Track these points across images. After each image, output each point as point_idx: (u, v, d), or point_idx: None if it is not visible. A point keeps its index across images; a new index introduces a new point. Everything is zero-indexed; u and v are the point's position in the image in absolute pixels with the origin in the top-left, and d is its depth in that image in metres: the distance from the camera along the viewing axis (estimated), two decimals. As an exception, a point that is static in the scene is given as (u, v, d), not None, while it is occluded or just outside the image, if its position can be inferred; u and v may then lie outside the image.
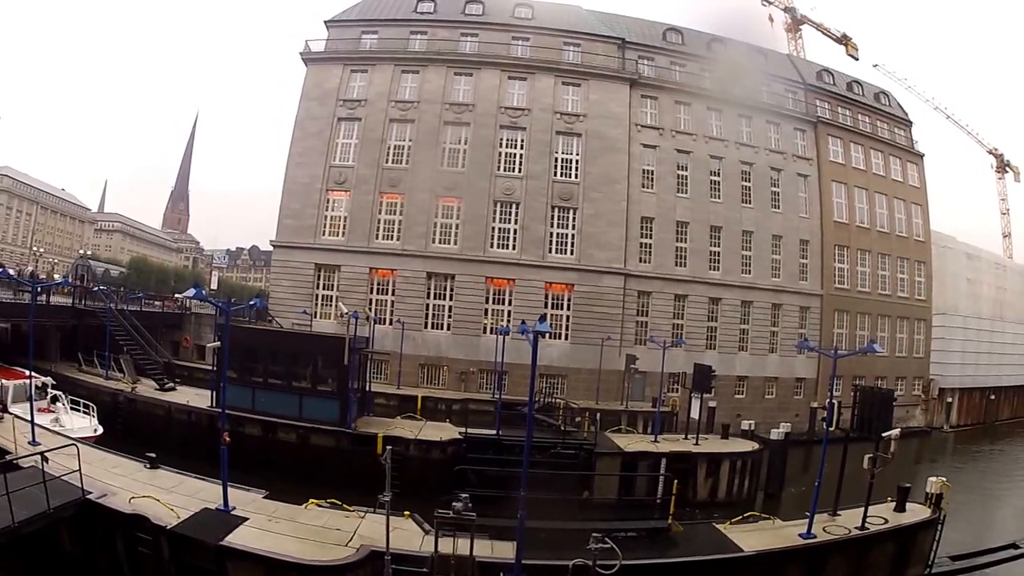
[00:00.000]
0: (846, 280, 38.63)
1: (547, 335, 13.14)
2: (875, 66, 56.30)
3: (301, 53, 34.50)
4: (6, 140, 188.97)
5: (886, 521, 14.00)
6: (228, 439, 13.06)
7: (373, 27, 35.12)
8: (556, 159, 32.92)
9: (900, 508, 14.69)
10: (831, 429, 15.22)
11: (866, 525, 13.69)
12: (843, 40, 52.73)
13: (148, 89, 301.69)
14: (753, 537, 13.31)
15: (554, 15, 36.71)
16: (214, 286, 49.96)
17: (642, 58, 36.44)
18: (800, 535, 13.26)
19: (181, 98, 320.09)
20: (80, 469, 11.80)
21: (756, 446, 23.05)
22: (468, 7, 35.96)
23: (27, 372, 17.61)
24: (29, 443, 14.43)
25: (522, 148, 32.70)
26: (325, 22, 35.74)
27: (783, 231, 36.51)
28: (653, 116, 35.05)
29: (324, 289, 32.00)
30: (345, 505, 13.35)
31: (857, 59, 53.23)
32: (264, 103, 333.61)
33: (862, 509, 13.97)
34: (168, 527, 11.27)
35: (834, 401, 15.94)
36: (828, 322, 37.23)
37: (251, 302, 19.81)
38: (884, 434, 14.42)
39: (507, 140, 32.83)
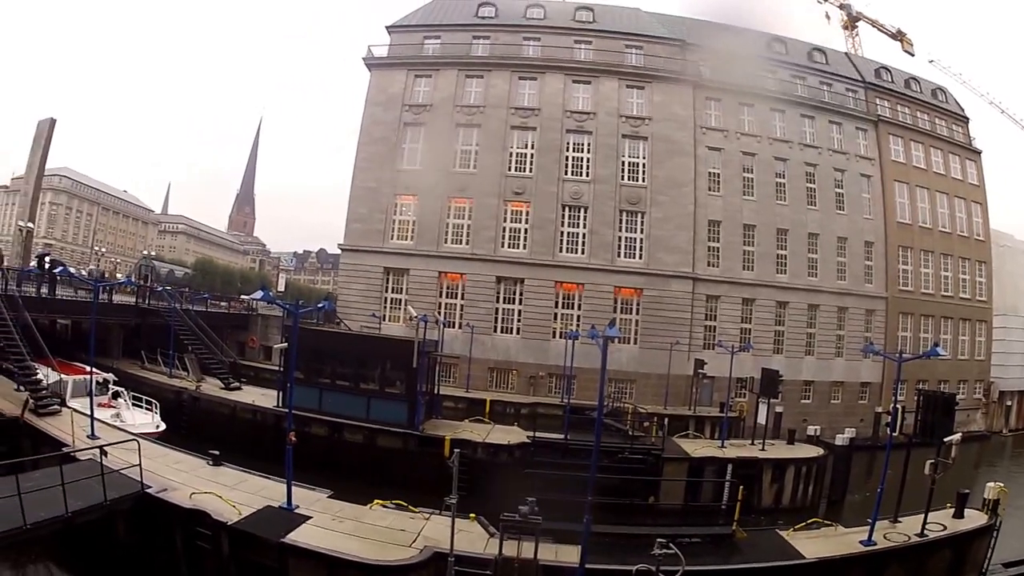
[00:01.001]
0: (910, 282, 36.64)
1: (616, 339, 12.71)
2: (931, 62, 53.48)
3: (364, 59, 33.86)
4: (69, 145, 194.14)
5: (944, 528, 13.52)
6: (294, 439, 12.70)
7: (435, 32, 34.32)
8: (623, 163, 31.83)
9: (959, 514, 14.17)
10: (894, 434, 14.77)
11: (925, 532, 13.19)
12: (898, 36, 50.17)
13: (209, 94, 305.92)
14: (815, 544, 12.92)
15: (614, 18, 35.67)
16: (281, 288, 49.58)
17: (703, 59, 34.84)
18: (861, 542, 12.83)
19: (244, 102, 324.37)
20: (140, 464, 11.63)
21: (821, 452, 22.25)
22: (529, 11, 35.03)
23: (87, 368, 17.20)
24: (88, 437, 14.29)
25: (589, 152, 31.70)
26: (387, 28, 35.03)
27: (848, 233, 34.84)
28: (717, 118, 33.70)
29: (393, 292, 31.40)
30: (410, 506, 12.95)
31: (913, 55, 50.62)
32: (330, 105, 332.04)
33: (922, 515, 13.53)
34: (229, 523, 10.98)
35: (898, 406, 15.40)
36: (893, 325, 35.40)
37: (319, 304, 19.67)
38: (945, 439, 13.89)
39: (574, 144, 31.85)
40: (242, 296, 36.38)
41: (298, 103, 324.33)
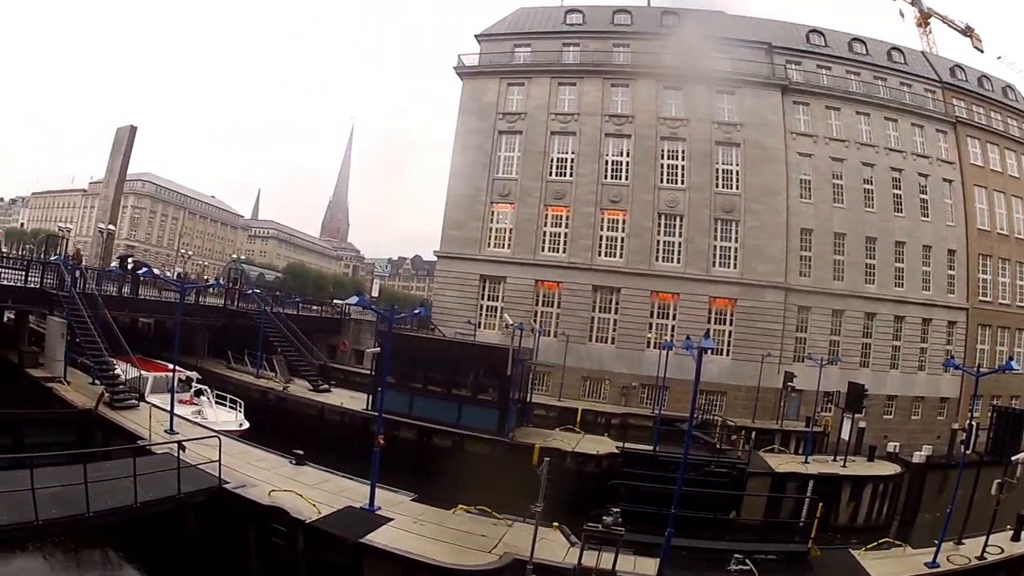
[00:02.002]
0: (989, 292, 34.61)
1: (710, 351, 12.38)
2: (999, 58, 50.13)
3: (455, 68, 32.73)
4: (160, 152, 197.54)
5: (1002, 550, 12.81)
6: (383, 441, 12.14)
7: (525, 40, 33.11)
8: (717, 170, 30.38)
9: (1016, 537, 13.40)
10: (967, 452, 14.01)
11: (985, 555, 12.53)
12: (967, 32, 47.13)
13: (301, 103, 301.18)
14: (883, 565, 12.37)
15: (701, 23, 33.74)
16: (375, 294, 49.04)
17: (789, 62, 33.12)
18: (925, 564, 12.32)
19: (335, 110, 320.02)
20: (220, 459, 11.35)
21: (898, 469, 21.05)
22: (616, 17, 33.38)
23: (169, 365, 16.87)
24: (166, 432, 14.05)
25: (683, 159, 30.28)
26: (476, 36, 33.85)
27: (932, 241, 32.89)
28: (806, 123, 32.01)
29: (489, 300, 30.69)
30: (494, 512, 12.47)
31: (983, 51, 47.33)
32: (425, 112, 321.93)
33: (984, 538, 12.93)
34: (307, 521, 10.61)
35: (973, 422, 14.73)
36: (973, 337, 33.44)
37: (415, 311, 19.32)
38: (1013, 458, 13.14)
39: (668, 151, 30.51)
40: (335, 301, 35.80)
41: (392, 111, 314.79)
